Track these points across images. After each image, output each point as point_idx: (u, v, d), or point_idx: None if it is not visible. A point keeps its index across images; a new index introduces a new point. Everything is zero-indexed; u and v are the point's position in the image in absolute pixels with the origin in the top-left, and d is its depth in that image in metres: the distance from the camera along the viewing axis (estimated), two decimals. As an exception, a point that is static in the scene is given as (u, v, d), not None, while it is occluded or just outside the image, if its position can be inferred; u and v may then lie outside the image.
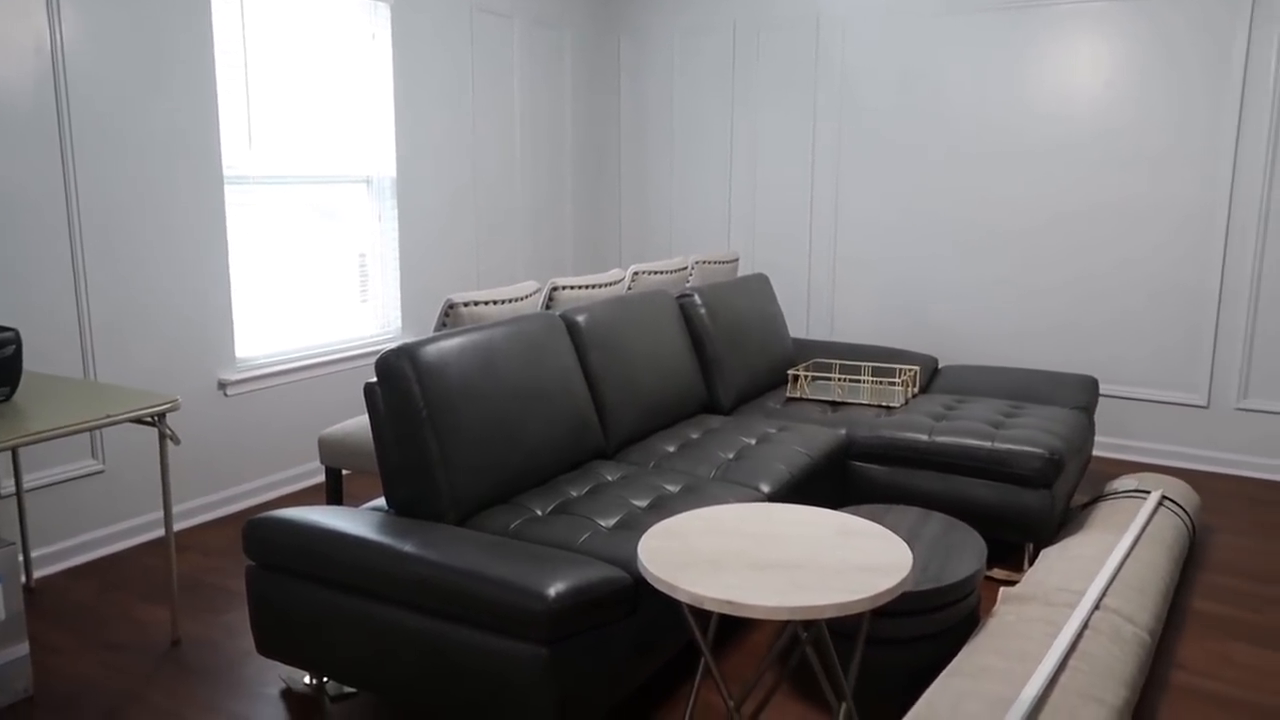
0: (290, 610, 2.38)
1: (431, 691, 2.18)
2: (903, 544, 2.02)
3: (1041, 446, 3.20)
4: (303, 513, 2.45)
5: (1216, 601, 3.10)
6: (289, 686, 2.61)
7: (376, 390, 2.54)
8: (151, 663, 2.73)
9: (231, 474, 3.91)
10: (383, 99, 4.44)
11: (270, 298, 4.05)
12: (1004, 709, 2.07)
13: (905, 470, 3.39)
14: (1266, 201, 4.18)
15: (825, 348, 4.43)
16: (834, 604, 1.76)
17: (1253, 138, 4.16)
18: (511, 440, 2.67)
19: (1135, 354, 4.54)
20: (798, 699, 2.51)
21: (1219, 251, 4.29)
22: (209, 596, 3.15)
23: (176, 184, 3.58)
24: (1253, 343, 4.28)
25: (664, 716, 2.45)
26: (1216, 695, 2.55)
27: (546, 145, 5.40)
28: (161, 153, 3.52)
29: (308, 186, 4.15)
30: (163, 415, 2.69)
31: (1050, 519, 3.20)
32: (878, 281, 5.11)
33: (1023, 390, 3.94)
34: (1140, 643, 2.46)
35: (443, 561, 2.14)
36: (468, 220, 4.94)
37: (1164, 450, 4.53)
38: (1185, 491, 3.55)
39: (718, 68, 5.39)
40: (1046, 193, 4.62)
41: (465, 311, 2.87)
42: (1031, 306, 4.74)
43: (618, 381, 3.19)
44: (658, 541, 2.04)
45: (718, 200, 5.51)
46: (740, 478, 2.95)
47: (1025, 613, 2.53)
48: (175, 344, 3.64)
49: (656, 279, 3.87)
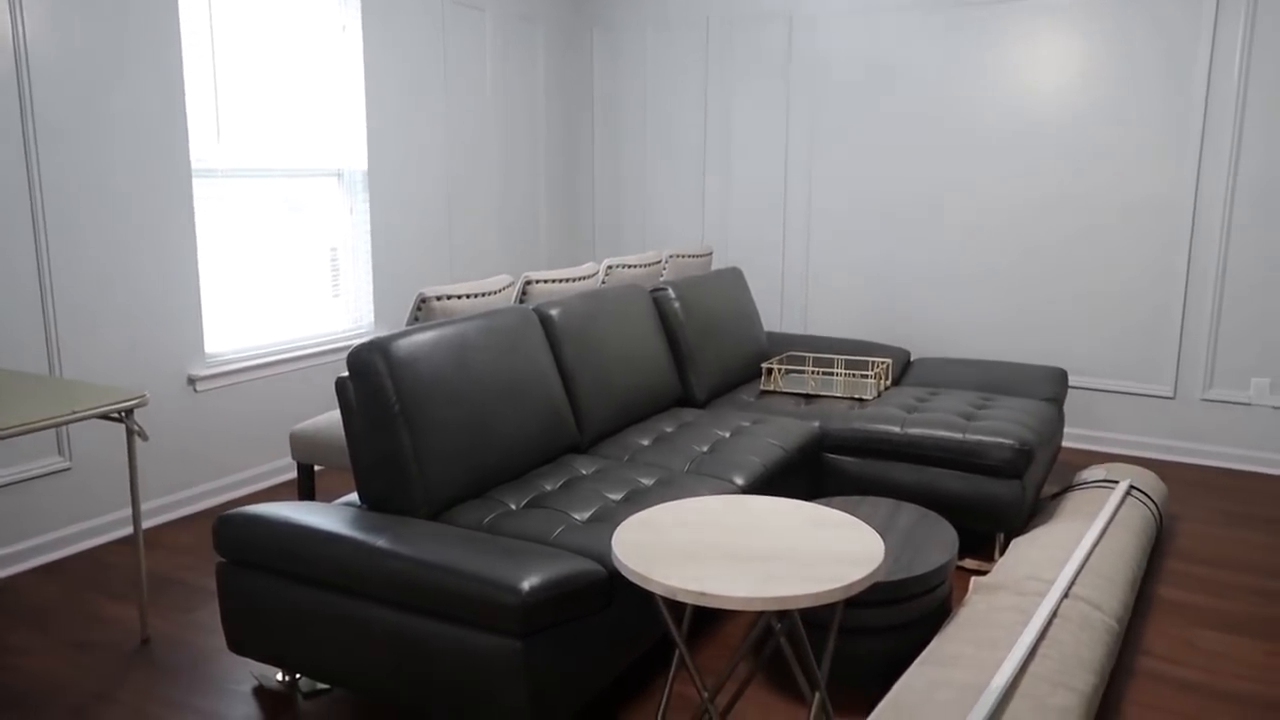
0: (262, 607, 2.36)
1: (405, 687, 2.17)
2: (875, 534, 2.04)
3: (1012, 438, 3.23)
4: (274, 508, 2.43)
5: (1182, 589, 3.16)
6: (261, 684, 2.59)
7: (348, 385, 2.52)
8: (121, 661, 2.70)
9: (202, 471, 3.87)
10: (353, 92, 4.40)
11: (240, 293, 4.01)
12: (975, 696, 2.10)
13: (878, 462, 3.42)
14: (1230, 196, 4.24)
15: (799, 341, 4.45)
16: (807, 594, 1.77)
17: (1218, 132, 4.22)
18: (485, 434, 2.66)
19: (1103, 346, 4.59)
20: (772, 690, 2.53)
21: (1184, 245, 4.35)
22: (179, 594, 3.12)
23: (143, 177, 3.53)
24: (1217, 335, 4.35)
25: (639, 709, 2.46)
26: (1182, 680, 2.60)
27: (520, 139, 5.38)
28: (127, 146, 3.47)
29: (278, 180, 4.11)
30: (130, 411, 2.66)
31: (1020, 509, 3.23)
32: (851, 275, 5.13)
33: (993, 382, 3.98)
34: (1108, 630, 2.50)
35: (416, 556, 2.13)
36: (440, 214, 4.91)
37: (1132, 440, 4.59)
38: (1152, 481, 3.61)
39: (691, 62, 5.39)
40: (1016, 187, 4.67)
41: (438, 305, 2.85)
42: (1002, 300, 4.78)
43: (592, 375, 3.19)
44: (632, 534, 2.04)
45: (691, 194, 5.52)
46: (714, 470, 2.96)
47: (996, 601, 2.56)
48: (143, 340, 3.60)
49: (630, 273, 3.87)
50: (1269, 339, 4.25)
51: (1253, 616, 2.96)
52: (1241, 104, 4.16)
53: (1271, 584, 3.19)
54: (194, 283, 3.75)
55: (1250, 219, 4.22)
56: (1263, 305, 4.25)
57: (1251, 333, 4.28)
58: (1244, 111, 4.16)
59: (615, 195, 5.76)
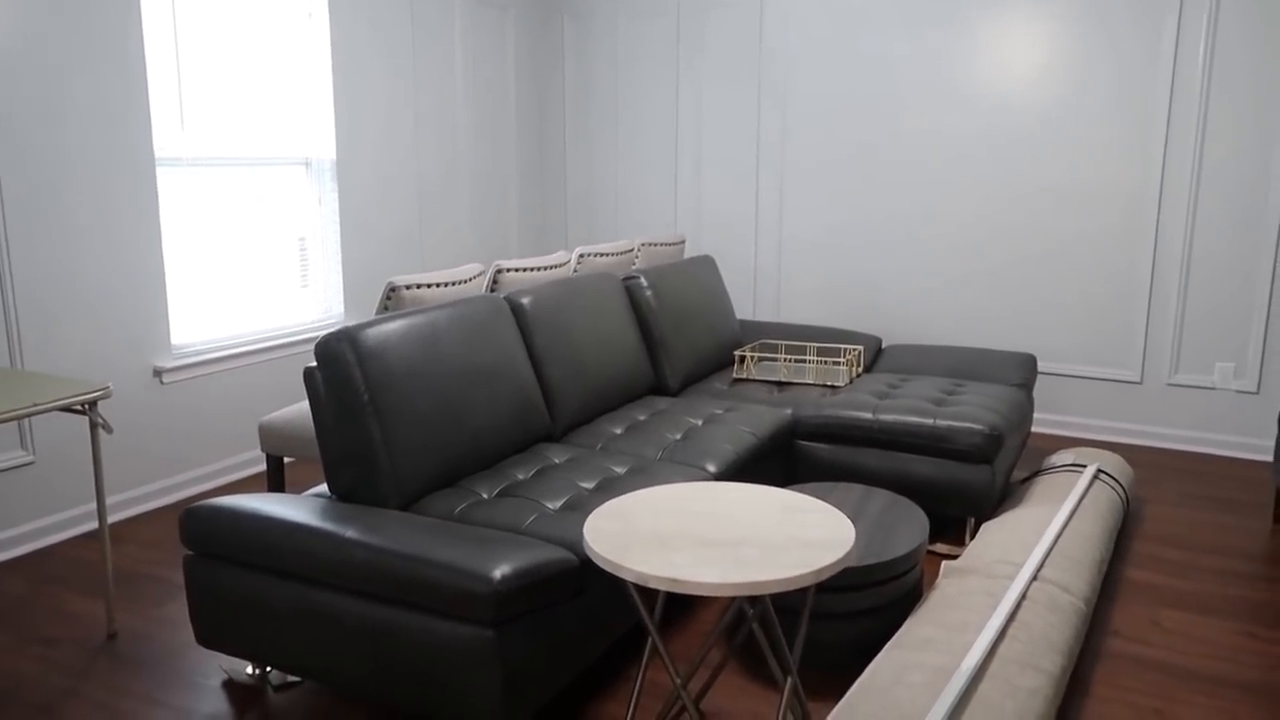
0: (231, 599, 2.34)
1: (377, 677, 2.16)
2: (846, 519, 2.04)
3: (982, 423, 3.26)
4: (242, 500, 2.41)
5: (1148, 570, 3.20)
6: (231, 677, 2.56)
7: (316, 374, 2.50)
8: (87, 657, 2.66)
9: (168, 464, 3.83)
10: (321, 79, 4.35)
11: (207, 283, 3.96)
12: (946, 678, 2.11)
13: (850, 448, 3.43)
14: (1196, 183, 4.29)
15: (771, 329, 4.46)
16: (779, 579, 1.77)
17: (1183, 121, 4.27)
18: (456, 423, 2.64)
19: (1072, 333, 4.64)
20: (744, 675, 2.54)
21: (1151, 233, 4.40)
22: (146, 589, 3.08)
23: (105, 166, 3.47)
24: (1183, 321, 4.41)
25: (612, 696, 2.46)
26: (1148, 659, 2.63)
27: (490, 127, 5.34)
28: (89, 134, 3.40)
29: (244, 169, 4.06)
30: (94, 404, 2.62)
31: (990, 494, 3.26)
32: (823, 263, 5.15)
33: (964, 369, 4.01)
34: (1076, 611, 2.53)
35: (387, 546, 2.12)
36: (410, 203, 4.87)
37: (1100, 425, 4.65)
38: (1120, 465, 3.65)
39: (662, 50, 5.37)
40: (987, 176, 4.69)
41: (408, 294, 2.83)
42: (972, 287, 4.82)
43: (564, 364, 3.18)
44: (603, 522, 2.04)
45: (664, 183, 5.50)
46: (687, 458, 2.96)
47: (966, 585, 2.58)
48: (107, 332, 3.54)
49: (602, 261, 3.85)
50: (1232, 324, 4.31)
51: (1217, 596, 3.01)
52: (1205, 93, 4.20)
53: (1235, 564, 3.24)
54: (159, 274, 3.70)
55: (1214, 207, 4.28)
56: (1226, 291, 4.30)
57: (1216, 319, 4.34)
58: (1208, 100, 4.21)
59: (587, 183, 5.74)
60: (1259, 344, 4.27)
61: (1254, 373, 4.30)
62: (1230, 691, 2.48)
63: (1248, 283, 4.27)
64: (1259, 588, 3.06)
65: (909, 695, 2.06)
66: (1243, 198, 4.22)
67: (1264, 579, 3.13)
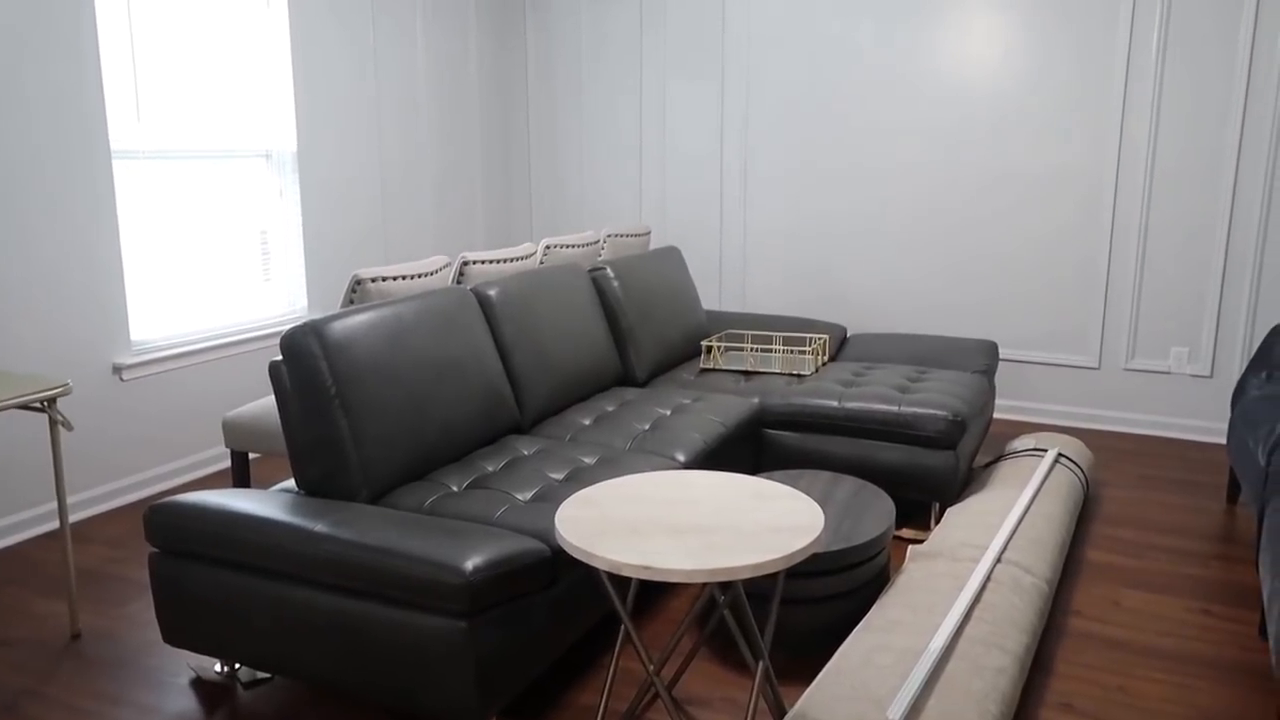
0: (197, 596, 2.32)
1: (349, 671, 2.15)
2: (814, 505, 2.07)
3: (945, 409, 3.31)
4: (208, 495, 2.38)
5: (1108, 551, 3.27)
6: (199, 675, 2.54)
7: (282, 368, 2.47)
8: (50, 658, 2.62)
9: (131, 462, 3.77)
10: (280, 70, 4.29)
11: (167, 279, 3.90)
12: (913, 659, 2.15)
13: (817, 436, 3.47)
14: (1150, 173, 4.37)
15: (738, 319, 4.48)
16: (749, 565, 1.79)
17: (1138, 111, 4.35)
18: (424, 416, 2.63)
19: (1032, 320, 4.72)
20: (717, 661, 2.56)
21: (1107, 222, 4.48)
22: (110, 588, 3.04)
23: (59, 159, 3.40)
24: (1139, 307, 4.50)
25: (585, 685, 2.47)
26: (1108, 637, 2.70)
27: (453, 118, 5.31)
28: (42, 126, 3.33)
29: (203, 161, 3.99)
30: (53, 400, 2.57)
31: (954, 479, 3.31)
32: (788, 254, 5.18)
33: (927, 356, 4.07)
34: (1039, 592, 2.58)
35: (357, 539, 2.11)
36: (374, 195, 4.83)
37: (1060, 411, 4.73)
38: (1080, 449, 3.72)
39: (625, 39, 5.37)
40: (949, 164, 4.75)
41: (373, 287, 2.81)
42: (935, 276, 4.87)
43: (531, 356, 3.17)
44: (574, 511, 2.04)
45: (629, 174, 5.50)
46: (656, 448, 2.97)
47: (932, 568, 2.63)
48: (64, 328, 3.48)
49: (568, 253, 3.85)
50: (1187, 310, 4.41)
51: (1174, 575, 3.09)
52: (1159, 84, 4.28)
53: (1191, 544, 3.32)
54: (117, 269, 3.63)
55: (1168, 196, 4.37)
56: (1180, 278, 4.40)
57: (1170, 305, 4.44)
58: (1162, 92, 4.29)
59: (552, 175, 5.72)
60: (1212, 329, 4.37)
61: (1207, 357, 4.40)
62: (1187, 666, 2.55)
63: (1201, 269, 4.36)
64: (1214, 567, 3.15)
65: (878, 676, 2.09)
66: (1196, 187, 4.32)
67: (1218, 558, 3.21)
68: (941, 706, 2.00)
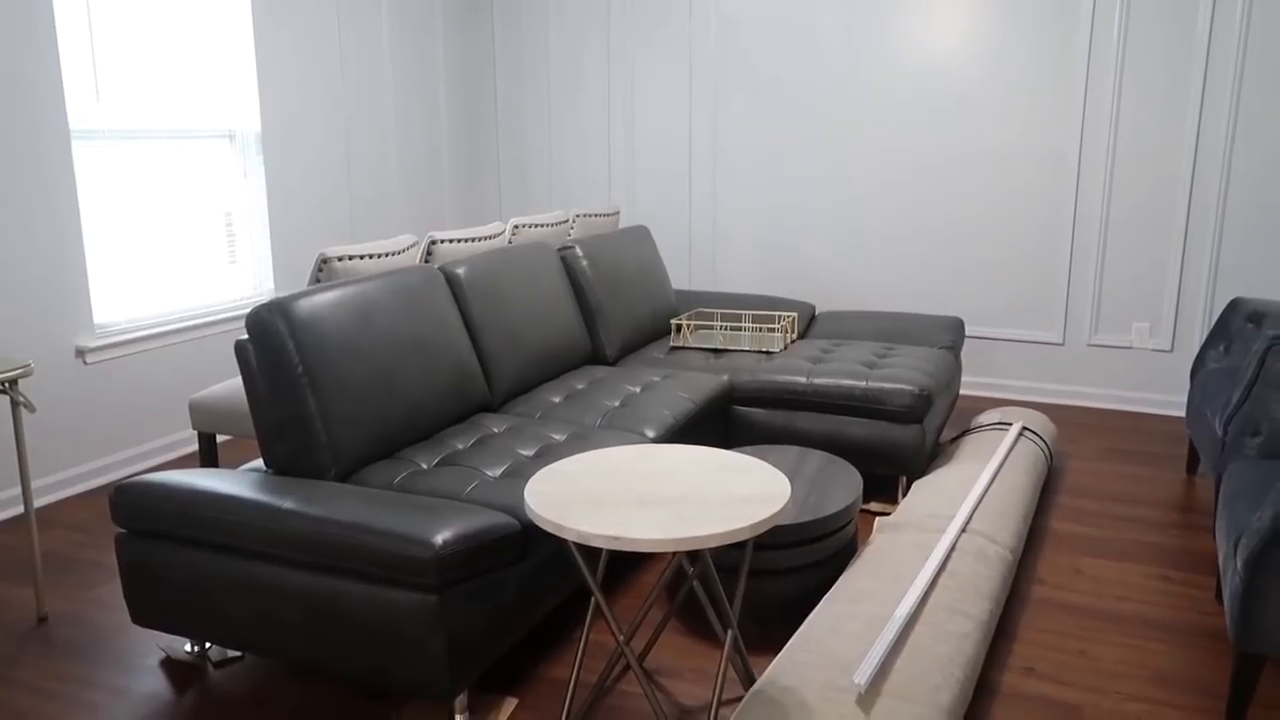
0: (166, 577, 2.30)
1: (320, 648, 2.15)
2: (781, 475, 2.09)
3: (911, 384, 3.35)
4: (176, 475, 2.37)
5: (1070, 521, 3.33)
6: (169, 655, 2.53)
7: (249, 347, 2.46)
8: (16, 642, 2.60)
9: (96, 445, 3.73)
10: (243, 48, 4.23)
11: (130, 261, 3.84)
12: (881, 626, 2.19)
13: (785, 412, 3.50)
14: (1112, 149, 4.43)
15: (707, 298, 4.50)
16: (717, 534, 1.82)
17: (1099, 88, 4.40)
18: (393, 394, 2.63)
19: (998, 296, 4.78)
20: (686, 633, 2.59)
21: (1070, 198, 4.54)
22: (76, 571, 3.01)
23: (15, 139, 3.34)
24: (1101, 283, 4.57)
25: (557, 658, 2.49)
26: (1069, 604, 2.75)
27: (420, 96, 5.26)
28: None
29: (165, 141, 3.94)
30: (14, 382, 2.54)
31: (921, 452, 3.36)
32: (757, 232, 5.20)
33: (894, 332, 4.11)
34: (1003, 561, 2.63)
35: (326, 515, 2.10)
36: (339, 175, 4.79)
37: (1025, 386, 4.80)
38: (1043, 423, 3.78)
39: (594, 17, 5.34)
40: (914, 144, 4.78)
41: (340, 266, 2.79)
42: (902, 254, 4.92)
43: (501, 334, 3.17)
44: (544, 484, 2.05)
45: (597, 153, 5.49)
46: (626, 424, 2.98)
47: (899, 539, 2.67)
48: (24, 311, 3.42)
49: (537, 232, 3.84)
50: (1148, 285, 4.48)
51: (1133, 543, 3.15)
52: (1121, 60, 4.33)
53: (1150, 514, 3.39)
54: (78, 251, 3.58)
55: (1129, 172, 4.43)
56: (1142, 254, 4.47)
57: (1132, 280, 4.51)
58: (1123, 68, 4.34)
59: (520, 153, 5.70)
60: (1172, 304, 4.45)
61: (1168, 332, 4.48)
62: (1146, 630, 2.61)
63: (1161, 245, 4.43)
64: (1172, 535, 3.22)
65: (845, 643, 2.12)
66: (1157, 163, 4.38)
67: (1177, 526, 3.29)
68: (908, 670, 2.03)
